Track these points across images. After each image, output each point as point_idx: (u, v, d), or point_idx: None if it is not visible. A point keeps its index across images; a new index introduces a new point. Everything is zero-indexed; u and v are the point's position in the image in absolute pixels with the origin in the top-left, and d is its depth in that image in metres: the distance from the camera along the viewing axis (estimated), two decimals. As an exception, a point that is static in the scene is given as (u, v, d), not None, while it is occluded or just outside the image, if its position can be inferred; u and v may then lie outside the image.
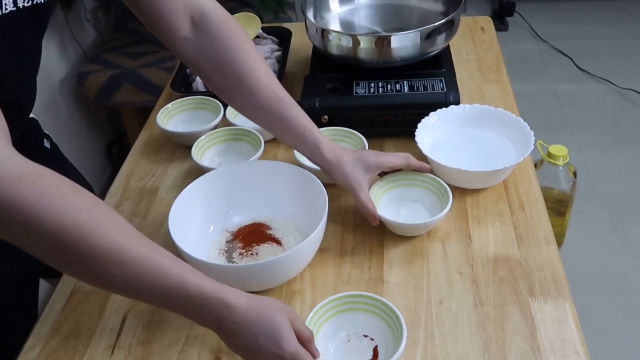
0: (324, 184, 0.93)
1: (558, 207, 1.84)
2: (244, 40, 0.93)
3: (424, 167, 1.00)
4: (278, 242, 0.96)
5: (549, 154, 1.72)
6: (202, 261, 0.85)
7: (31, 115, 1.06)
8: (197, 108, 1.25)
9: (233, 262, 0.94)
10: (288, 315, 0.73)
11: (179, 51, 0.92)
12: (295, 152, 1.08)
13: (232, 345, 0.73)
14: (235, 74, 0.91)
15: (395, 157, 0.99)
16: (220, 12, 0.92)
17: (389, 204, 1.00)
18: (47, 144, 1.13)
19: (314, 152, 0.94)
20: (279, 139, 1.00)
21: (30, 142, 1.05)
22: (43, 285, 1.14)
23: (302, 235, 0.96)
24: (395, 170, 1.01)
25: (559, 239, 1.95)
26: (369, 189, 0.96)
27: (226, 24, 0.92)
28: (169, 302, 0.71)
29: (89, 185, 1.20)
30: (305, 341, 0.74)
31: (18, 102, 0.90)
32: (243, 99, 0.94)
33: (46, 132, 1.15)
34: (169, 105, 1.24)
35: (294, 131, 0.94)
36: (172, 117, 1.24)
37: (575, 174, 1.79)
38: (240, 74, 0.91)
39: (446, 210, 0.94)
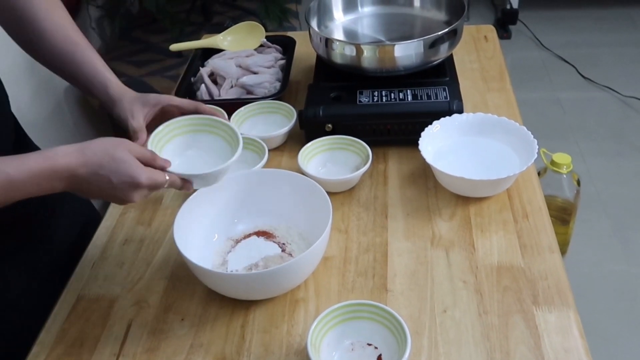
0: (328, 193, 0.93)
1: (562, 215, 1.84)
2: None
3: (215, 112, 0.94)
4: (282, 251, 0.97)
5: (553, 162, 1.72)
6: (206, 269, 0.85)
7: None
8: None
9: (237, 270, 0.94)
10: (125, 147, 0.76)
11: None
12: (299, 159, 1.08)
13: (90, 194, 0.76)
14: (27, 20, 0.90)
15: (179, 99, 0.93)
16: None
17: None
18: None
19: (101, 92, 0.92)
20: (75, 86, 0.97)
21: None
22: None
23: (306, 244, 0.96)
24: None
25: (563, 247, 1.95)
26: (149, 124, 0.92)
27: None
28: (18, 196, 0.73)
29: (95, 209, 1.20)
30: (150, 161, 0.77)
31: None
32: (33, 44, 0.92)
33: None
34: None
35: (85, 75, 0.92)
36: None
37: (578, 182, 1.79)
38: (31, 19, 0.90)
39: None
